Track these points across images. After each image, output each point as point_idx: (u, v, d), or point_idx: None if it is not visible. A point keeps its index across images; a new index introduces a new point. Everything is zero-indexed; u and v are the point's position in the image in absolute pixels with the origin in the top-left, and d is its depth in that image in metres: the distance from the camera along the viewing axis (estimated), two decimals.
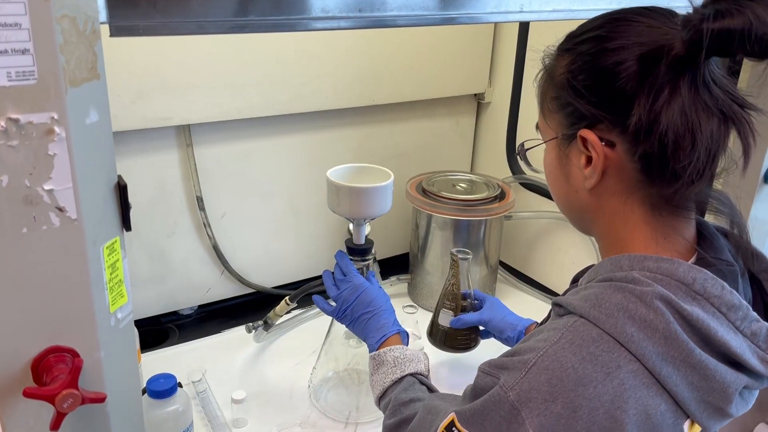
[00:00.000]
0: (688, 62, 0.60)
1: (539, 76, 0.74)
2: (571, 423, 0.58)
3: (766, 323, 0.63)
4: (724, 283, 0.62)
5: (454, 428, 0.65)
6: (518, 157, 0.83)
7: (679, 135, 0.61)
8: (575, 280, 0.81)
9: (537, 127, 0.76)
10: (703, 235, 0.70)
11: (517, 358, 0.62)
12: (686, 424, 0.61)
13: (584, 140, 0.66)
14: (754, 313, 0.63)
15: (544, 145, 0.75)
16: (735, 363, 0.61)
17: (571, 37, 0.70)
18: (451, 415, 0.66)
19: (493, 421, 0.61)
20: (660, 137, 0.61)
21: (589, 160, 0.66)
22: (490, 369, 0.65)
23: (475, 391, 0.66)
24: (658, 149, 0.62)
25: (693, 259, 0.67)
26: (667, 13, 0.64)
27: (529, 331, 1.11)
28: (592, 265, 0.80)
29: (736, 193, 0.69)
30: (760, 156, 1.18)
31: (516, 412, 0.59)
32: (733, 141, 0.64)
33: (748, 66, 1.06)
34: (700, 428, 0.64)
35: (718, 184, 0.68)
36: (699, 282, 0.62)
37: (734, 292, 0.62)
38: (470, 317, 1.18)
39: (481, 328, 1.21)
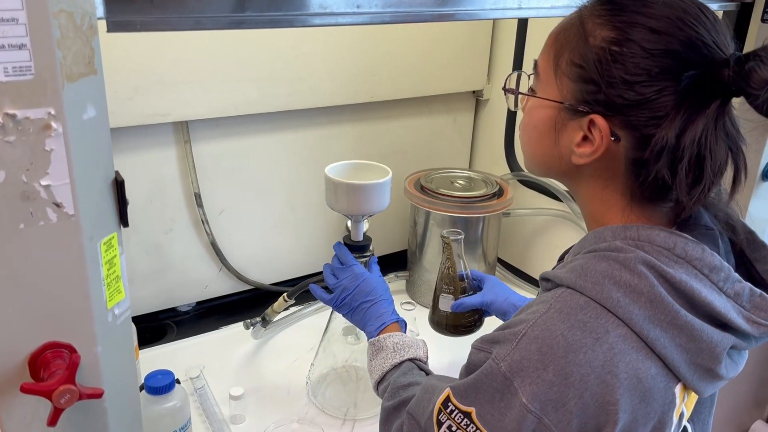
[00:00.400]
0: (724, 95, 0.60)
1: (567, 22, 0.68)
2: (563, 390, 0.58)
3: (748, 283, 0.64)
4: (705, 246, 0.63)
5: (449, 403, 0.66)
6: (505, 91, 0.78)
7: (690, 166, 0.60)
8: (561, 259, 0.81)
9: (535, 66, 0.72)
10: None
11: (508, 331, 0.63)
12: (678, 388, 0.62)
13: (591, 122, 0.64)
14: (736, 274, 0.64)
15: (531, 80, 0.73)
16: (721, 323, 0.62)
17: (621, 8, 0.63)
18: (447, 391, 0.67)
19: (487, 393, 0.62)
20: (673, 162, 0.60)
21: (584, 138, 0.65)
22: (482, 344, 0.66)
23: (469, 368, 0.67)
24: (667, 173, 0.61)
25: (673, 227, 0.68)
26: (714, 20, 0.62)
27: None
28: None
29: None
30: (758, 153, 1.19)
31: (508, 382, 0.60)
32: None
33: None
34: (694, 395, 0.64)
35: None
36: (680, 246, 0.63)
37: (715, 254, 0.63)
38: (472, 300, 1.16)
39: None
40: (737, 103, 0.62)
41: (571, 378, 0.58)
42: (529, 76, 0.74)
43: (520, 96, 0.75)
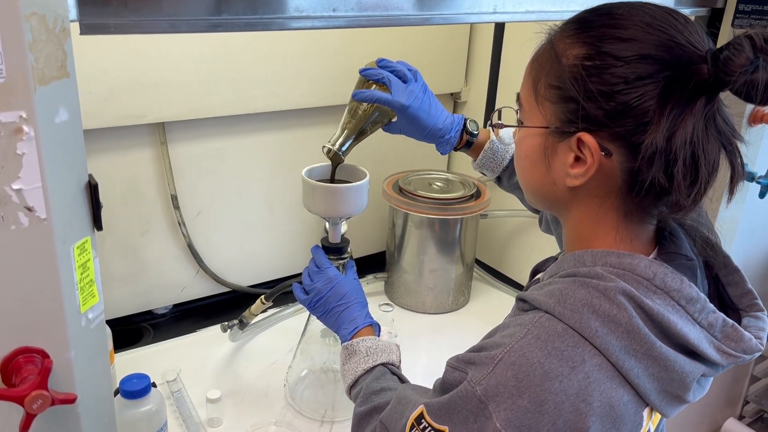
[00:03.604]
0: (708, 91, 0.60)
1: (540, 49, 0.69)
2: (537, 417, 0.59)
3: (722, 314, 0.65)
4: (683, 277, 0.64)
5: (423, 420, 0.66)
6: (491, 126, 0.80)
7: (686, 167, 0.60)
8: (535, 272, 0.82)
9: (518, 98, 0.72)
10: (663, 228, 0.71)
11: (484, 354, 0.63)
12: (645, 412, 0.64)
13: (580, 141, 0.64)
14: (711, 305, 0.65)
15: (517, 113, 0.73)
16: (693, 353, 0.63)
17: (589, 25, 0.65)
18: (421, 408, 0.67)
19: (461, 414, 0.62)
20: (667, 165, 0.60)
21: (577, 159, 0.65)
22: (457, 364, 0.66)
23: (444, 386, 0.67)
24: (663, 177, 0.61)
25: (654, 254, 0.69)
26: (685, 21, 0.63)
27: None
28: (551, 257, 0.81)
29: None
30: None
31: (483, 405, 0.60)
32: None
33: None
34: (659, 415, 0.66)
35: None
36: (659, 277, 0.63)
37: (692, 285, 0.64)
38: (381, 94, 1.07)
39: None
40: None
41: (545, 405, 0.59)
42: (516, 110, 0.73)
43: (512, 129, 0.75)
